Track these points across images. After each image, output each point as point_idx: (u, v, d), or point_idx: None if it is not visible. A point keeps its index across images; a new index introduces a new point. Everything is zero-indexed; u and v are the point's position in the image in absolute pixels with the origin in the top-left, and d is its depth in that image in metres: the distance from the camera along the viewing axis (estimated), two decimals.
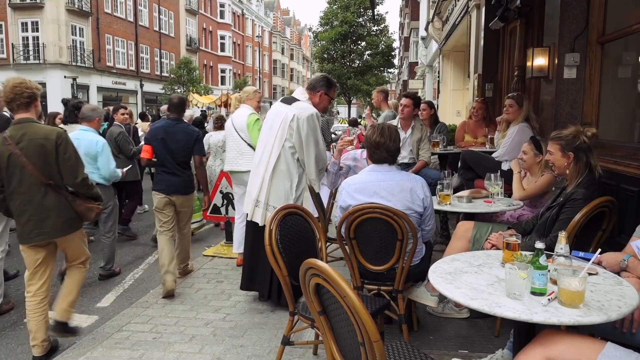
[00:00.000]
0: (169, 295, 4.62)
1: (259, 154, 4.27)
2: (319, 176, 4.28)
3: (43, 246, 3.56)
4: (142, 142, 5.71)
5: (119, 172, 5.47)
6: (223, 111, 18.66)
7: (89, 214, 3.68)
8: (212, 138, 8.06)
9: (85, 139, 5.07)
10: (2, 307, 4.58)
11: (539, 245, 2.07)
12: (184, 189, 4.95)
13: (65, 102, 7.78)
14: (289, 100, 4.29)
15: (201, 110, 17.69)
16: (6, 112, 5.20)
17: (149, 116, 14.47)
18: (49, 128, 3.61)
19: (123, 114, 7.23)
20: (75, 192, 3.60)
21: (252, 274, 4.37)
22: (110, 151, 5.41)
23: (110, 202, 5.45)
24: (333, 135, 10.81)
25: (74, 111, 6.48)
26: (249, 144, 5.30)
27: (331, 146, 10.18)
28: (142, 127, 10.84)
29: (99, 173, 5.19)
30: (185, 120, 5.39)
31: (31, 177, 3.40)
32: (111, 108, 8.13)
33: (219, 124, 8.35)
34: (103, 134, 6.26)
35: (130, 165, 6.36)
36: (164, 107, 10.79)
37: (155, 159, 4.95)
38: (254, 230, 4.25)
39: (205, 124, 12.71)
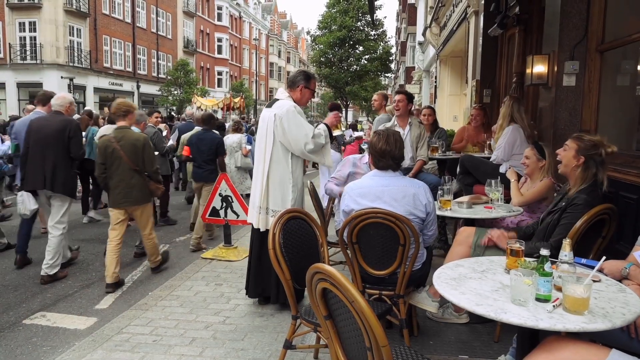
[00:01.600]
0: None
1: (257, 163, 4.33)
2: (322, 153, 4.28)
3: (124, 210, 5.30)
4: (171, 141, 9.11)
5: None
6: (220, 113, 18.78)
7: (156, 191, 5.54)
8: (228, 139, 8.75)
9: None
10: (57, 274, 5.54)
11: (544, 252, 2.10)
12: (207, 178, 6.87)
13: (109, 106, 9.38)
14: (271, 103, 4.35)
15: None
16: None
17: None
18: (138, 134, 5.50)
19: (157, 117, 8.65)
20: (150, 176, 5.34)
21: (265, 281, 4.38)
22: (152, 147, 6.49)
23: None
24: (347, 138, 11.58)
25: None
26: None
27: (342, 148, 10.70)
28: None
29: None
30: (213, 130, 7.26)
31: (125, 164, 5.16)
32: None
33: (236, 127, 9.29)
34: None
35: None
36: (189, 111, 13.68)
37: (191, 156, 7.11)
38: (261, 237, 4.27)
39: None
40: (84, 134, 6.79)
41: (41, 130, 5.39)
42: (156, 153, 6.70)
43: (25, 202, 5.59)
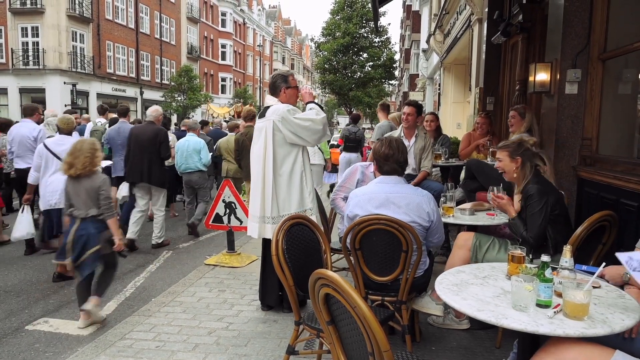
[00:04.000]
0: None
1: (256, 175, 4.35)
2: (324, 132, 4.34)
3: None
4: None
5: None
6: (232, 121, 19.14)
7: None
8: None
9: (192, 140, 8.08)
10: (163, 242, 7.31)
11: (545, 258, 2.12)
12: None
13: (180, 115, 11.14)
14: (263, 112, 4.37)
15: (224, 121, 18.20)
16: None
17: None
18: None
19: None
20: None
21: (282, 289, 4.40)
22: (208, 148, 8.27)
23: (207, 181, 8.26)
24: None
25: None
26: None
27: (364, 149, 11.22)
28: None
29: (200, 162, 8.01)
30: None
31: (248, 151, 5.86)
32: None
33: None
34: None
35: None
36: (216, 120, 16.15)
37: None
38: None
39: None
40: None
41: (139, 136, 6.99)
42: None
43: (122, 190, 7.17)
